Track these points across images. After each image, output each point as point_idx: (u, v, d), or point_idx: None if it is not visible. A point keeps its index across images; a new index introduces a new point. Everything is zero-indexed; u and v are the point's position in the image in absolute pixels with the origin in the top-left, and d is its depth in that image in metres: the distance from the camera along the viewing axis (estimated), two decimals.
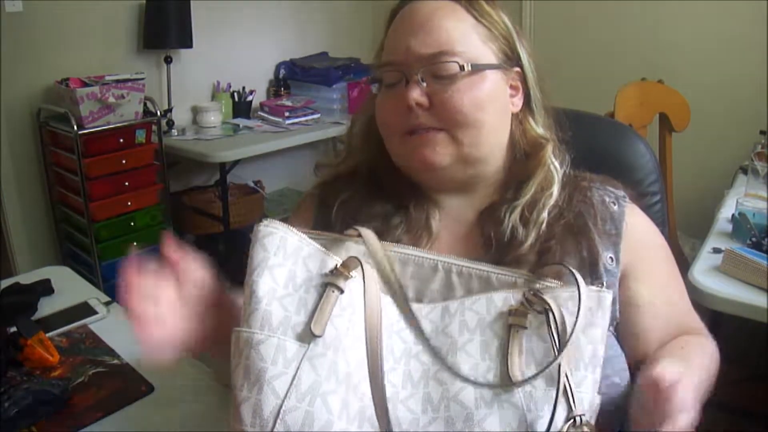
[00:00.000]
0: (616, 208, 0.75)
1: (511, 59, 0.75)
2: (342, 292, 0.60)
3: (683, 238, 2.20)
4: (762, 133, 1.90)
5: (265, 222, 0.63)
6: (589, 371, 0.60)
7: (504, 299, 0.62)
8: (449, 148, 0.71)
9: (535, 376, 0.57)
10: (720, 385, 0.76)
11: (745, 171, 1.82)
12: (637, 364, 0.74)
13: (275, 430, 0.54)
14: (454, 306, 0.63)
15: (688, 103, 2.07)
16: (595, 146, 0.84)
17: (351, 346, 0.59)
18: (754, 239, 1.33)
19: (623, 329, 0.75)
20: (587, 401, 0.59)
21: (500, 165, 0.76)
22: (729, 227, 1.44)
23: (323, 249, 0.63)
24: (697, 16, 2.43)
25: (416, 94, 0.69)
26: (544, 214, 0.71)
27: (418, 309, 0.63)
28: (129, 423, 0.84)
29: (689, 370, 0.58)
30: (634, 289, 0.74)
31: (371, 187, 0.79)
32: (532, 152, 0.76)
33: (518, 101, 0.76)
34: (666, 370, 0.56)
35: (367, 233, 0.64)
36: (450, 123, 0.70)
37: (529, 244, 0.69)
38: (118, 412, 0.86)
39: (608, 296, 0.62)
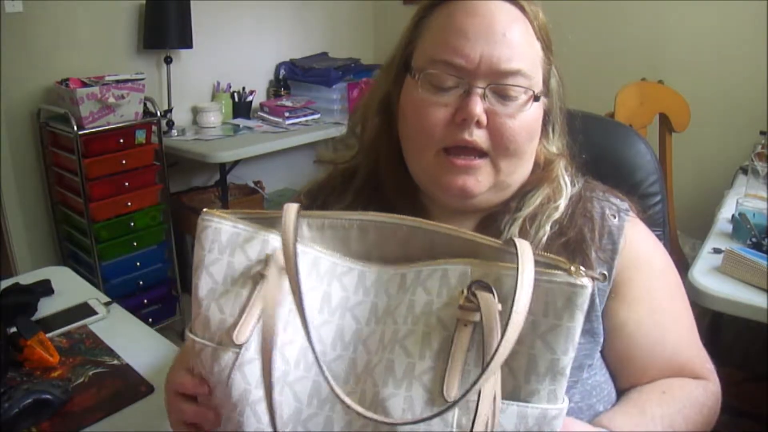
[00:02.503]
0: (616, 221, 0.70)
1: (546, 83, 0.70)
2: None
3: (683, 238, 2.21)
4: (762, 133, 1.90)
5: (202, 215, 0.58)
6: (545, 384, 0.48)
7: (460, 275, 0.51)
8: (490, 177, 0.66)
9: (455, 403, 0.47)
10: (720, 385, 0.75)
11: (745, 171, 1.83)
12: (623, 392, 0.69)
13: None
14: (411, 277, 0.54)
15: (688, 103, 2.07)
16: (596, 146, 0.84)
17: (289, 341, 0.54)
18: (754, 239, 1.33)
19: (606, 353, 0.69)
20: (534, 417, 0.49)
21: (520, 186, 0.72)
22: (729, 227, 1.44)
23: (264, 229, 0.57)
24: (697, 16, 2.43)
25: (479, 110, 0.63)
26: (546, 228, 0.66)
27: (380, 273, 0.56)
28: (129, 423, 0.84)
29: None
30: (617, 311, 0.68)
31: (368, 194, 0.74)
32: (543, 167, 0.73)
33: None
34: None
35: (289, 208, 0.55)
36: (500, 149, 0.65)
37: None
38: (118, 412, 0.86)
39: (584, 291, 0.48)
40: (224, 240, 0.57)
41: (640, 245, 0.71)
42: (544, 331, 0.48)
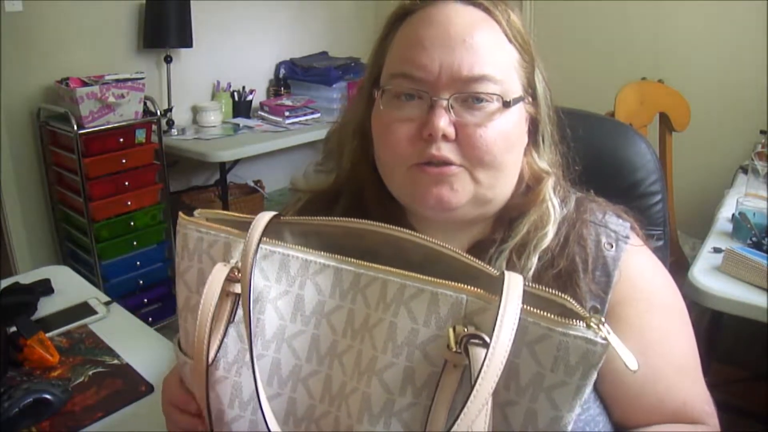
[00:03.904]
0: (612, 251, 0.65)
1: (529, 87, 0.66)
2: (237, 296, 0.51)
3: (683, 237, 2.21)
4: (762, 132, 1.90)
5: (179, 220, 0.55)
6: None
7: (453, 306, 0.46)
8: (468, 188, 0.62)
9: None
10: (720, 384, 0.73)
11: (745, 171, 1.83)
12: (615, 426, 0.65)
13: None
14: (393, 289, 0.48)
15: (688, 103, 2.07)
16: (596, 146, 0.84)
17: (259, 356, 0.51)
18: (754, 239, 1.33)
19: (595, 388, 0.64)
20: None
21: (505, 202, 0.67)
22: (729, 227, 1.44)
23: (229, 232, 0.54)
24: (697, 16, 2.43)
25: (444, 123, 0.58)
26: (534, 260, 0.62)
27: (359, 274, 0.51)
28: (129, 423, 0.84)
29: None
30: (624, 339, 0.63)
31: (353, 215, 0.70)
32: (532, 186, 0.68)
33: (526, 133, 0.67)
34: None
35: (264, 215, 0.53)
36: (474, 161, 0.60)
37: None
38: (118, 412, 0.86)
39: (602, 349, 0.42)
40: (191, 246, 0.54)
41: (636, 278, 0.65)
42: (549, 386, 0.42)
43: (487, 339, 0.42)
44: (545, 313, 0.43)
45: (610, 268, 0.64)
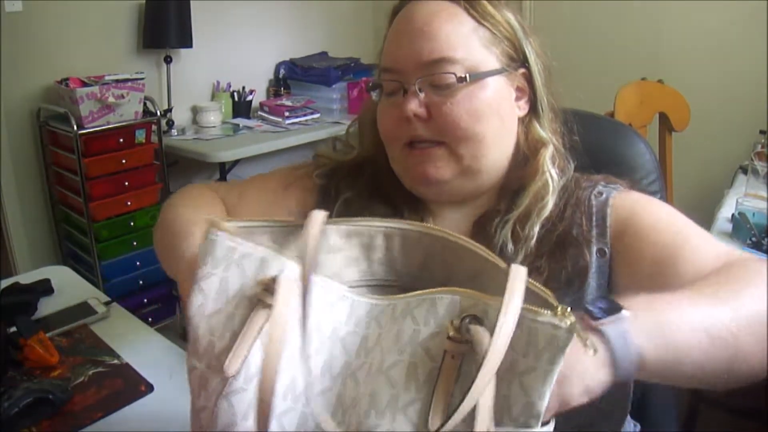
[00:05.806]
0: (602, 197, 0.71)
1: (516, 61, 0.71)
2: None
3: None
4: (762, 132, 1.90)
5: (208, 227, 0.55)
6: (518, 426, 0.45)
7: (448, 305, 0.49)
8: (450, 163, 0.69)
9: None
10: None
11: (745, 171, 1.83)
12: None
13: None
14: (401, 307, 0.52)
15: (688, 103, 2.07)
16: (595, 146, 0.84)
17: (282, 370, 0.50)
18: (754, 239, 1.33)
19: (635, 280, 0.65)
20: None
21: (503, 172, 0.74)
22: (729, 227, 1.44)
23: (267, 247, 0.53)
24: (697, 16, 2.43)
25: (414, 106, 0.67)
26: (536, 229, 0.68)
27: (373, 306, 0.54)
28: (129, 423, 0.84)
29: None
30: (629, 258, 0.66)
31: (373, 187, 0.78)
32: (530, 157, 0.73)
33: (525, 104, 0.73)
34: None
35: (316, 215, 0.53)
36: (449, 137, 0.68)
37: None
38: (117, 412, 0.86)
39: (568, 335, 0.43)
40: (219, 254, 0.53)
41: (626, 203, 0.70)
42: (521, 371, 0.45)
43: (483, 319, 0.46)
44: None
45: (604, 210, 0.70)
